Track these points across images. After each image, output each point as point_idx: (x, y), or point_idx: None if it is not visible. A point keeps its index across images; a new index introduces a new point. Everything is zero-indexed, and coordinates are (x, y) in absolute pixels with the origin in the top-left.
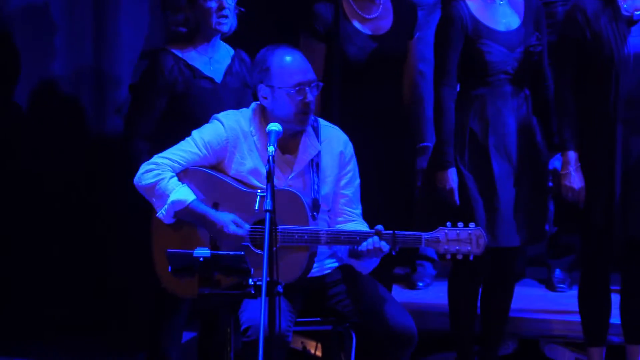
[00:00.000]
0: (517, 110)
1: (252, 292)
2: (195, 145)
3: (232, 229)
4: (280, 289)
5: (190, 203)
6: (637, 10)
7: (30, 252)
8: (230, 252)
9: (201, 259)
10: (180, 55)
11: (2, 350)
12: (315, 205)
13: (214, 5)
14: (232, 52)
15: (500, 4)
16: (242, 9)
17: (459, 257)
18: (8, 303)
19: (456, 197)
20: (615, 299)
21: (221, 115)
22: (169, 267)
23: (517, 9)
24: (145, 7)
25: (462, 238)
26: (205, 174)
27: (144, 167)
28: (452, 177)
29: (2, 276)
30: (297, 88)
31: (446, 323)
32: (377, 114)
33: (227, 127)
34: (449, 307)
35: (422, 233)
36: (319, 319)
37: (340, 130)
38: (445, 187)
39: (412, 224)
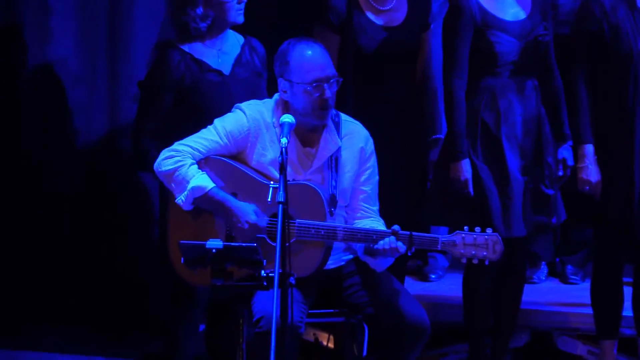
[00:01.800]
0: (527, 100)
1: (265, 284)
2: (217, 134)
3: (253, 218)
4: (292, 280)
5: (210, 190)
6: None
7: (43, 241)
8: (243, 244)
9: (214, 250)
10: (187, 49)
11: (17, 341)
12: (333, 201)
13: None
14: (241, 40)
15: None
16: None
17: (475, 261)
18: (21, 294)
19: (470, 189)
20: (628, 291)
21: (244, 105)
22: (182, 259)
23: None
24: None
25: (479, 243)
26: (226, 164)
27: (164, 153)
28: (466, 168)
29: (17, 267)
30: (314, 84)
31: (459, 315)
32: (391, 106)
33: (250, 117)
34: (463, 300)
35: (439, 236)
36: (331, 310)
37: (362, 126)
38: (459, 179)
39: (423, 216)
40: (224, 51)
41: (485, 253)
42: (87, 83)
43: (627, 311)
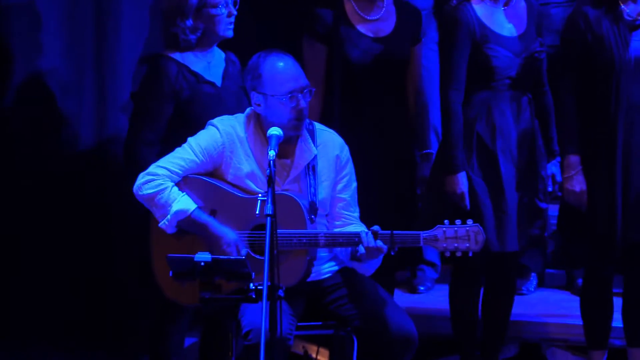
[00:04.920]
0: (521, 114)
1: (253, 296)
2: (192, 152)
3: (232, 249)
4: (281, 293)
5: (192, 212)
6: None
7: (32, 253)
8: (232, 257)
9: (202, 263)
10: (181, 61)
11: (3, 355)
12: (313, 209)
13: (224, 12)
14: (222, 55)
15: (503, 9)
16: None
17: (458, 254)
18: (7, 308)
19: (467, 202)
20: (617, 302)
21: (216, 121)
22: (170, 272)
23: (519, 14)
24: (146, 12)
25: (460, 235)
26: (203, 182)
27: (142, 176)
28: (462, 181)
29: (2, 281)
30: (289, 96)
31: (448, 327)
32: (378, 117)
33: (223, 132)
34: (450, 311)
35: (420, 232)
36: (320, 323)
37: (336, 134)
38: (455, 192)
39: (415, 229)
40: (213, 64)
41: (467, 245)
42: (75, 94)
43: (617, 322)
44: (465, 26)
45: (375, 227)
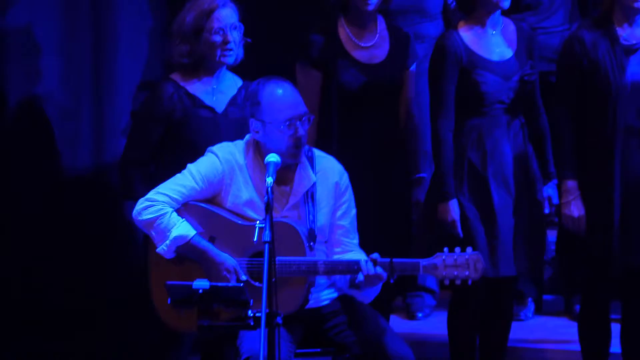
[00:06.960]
0: (514, 138)
1: (252, 324)
2: (193, 179)
3: (232, 275)
4: (279, 320)
5: (192, 238)
6: (638, 40)
7: (26, 281)
8: (230, 284)
9: (200, 290)
10: (182, 84)
11: None
12: (312, 236)
13: (218, 39)
14: (239, 83)
15: (493, 33)
16: (249, 40)
17: (458, 282)
18: (6, 336)
19: (459, 229)
20: (616, 328)
21: (216, 148)
22: (169, 299)
23: (510, 38)
24: (144, 37)
25: (459, 263)
26: (202, 209)
27: (142, 202)
28: (454, 208)
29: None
30: (287, 123)
31: (446, 353)
32: (373, 143)
33: (223, 159)
34: (449, 338)
35: (420, 260)
36: (318, 349)
37: (336, 161)
38: (447, 219)
39: (409, 256)
40: (219, 90)
41: (467, 273)
42: (73, 119)
43: (615, 347)
44: (452, 54)
45: (375, 255)
